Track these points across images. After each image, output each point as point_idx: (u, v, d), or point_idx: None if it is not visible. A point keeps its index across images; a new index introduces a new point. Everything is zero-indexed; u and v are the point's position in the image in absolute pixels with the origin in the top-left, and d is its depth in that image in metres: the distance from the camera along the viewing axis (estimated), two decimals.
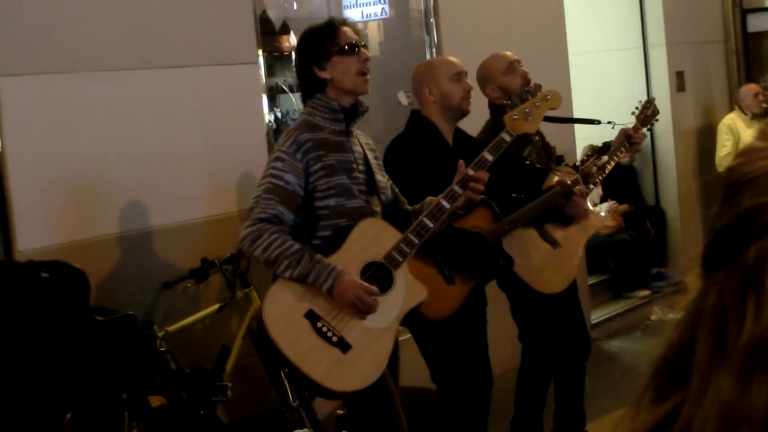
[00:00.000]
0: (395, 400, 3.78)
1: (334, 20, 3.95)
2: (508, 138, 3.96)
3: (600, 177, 4.76)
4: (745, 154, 0.79)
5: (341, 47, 3.80)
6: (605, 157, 4.80)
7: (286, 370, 3.63)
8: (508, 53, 4.97)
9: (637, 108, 5.24)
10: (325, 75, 3.80)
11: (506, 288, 4.88)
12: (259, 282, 4.76)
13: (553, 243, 4.80)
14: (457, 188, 3.80)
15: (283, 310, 3.59)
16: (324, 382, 3.57)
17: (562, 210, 4.62)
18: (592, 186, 4.72)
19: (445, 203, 3.79)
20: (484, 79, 4.89)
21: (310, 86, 3.86)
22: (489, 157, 3.90)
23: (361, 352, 3.63)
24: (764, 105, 8.81)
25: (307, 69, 3.83)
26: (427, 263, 4.17)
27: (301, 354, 3.56)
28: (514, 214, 4.47)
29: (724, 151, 8.73)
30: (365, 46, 3.89)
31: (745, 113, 8.80)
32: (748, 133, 8.67)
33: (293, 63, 4.35)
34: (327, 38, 3.82)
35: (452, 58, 4.61)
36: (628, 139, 5.01)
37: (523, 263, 4.68)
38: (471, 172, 3.82)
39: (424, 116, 4.49)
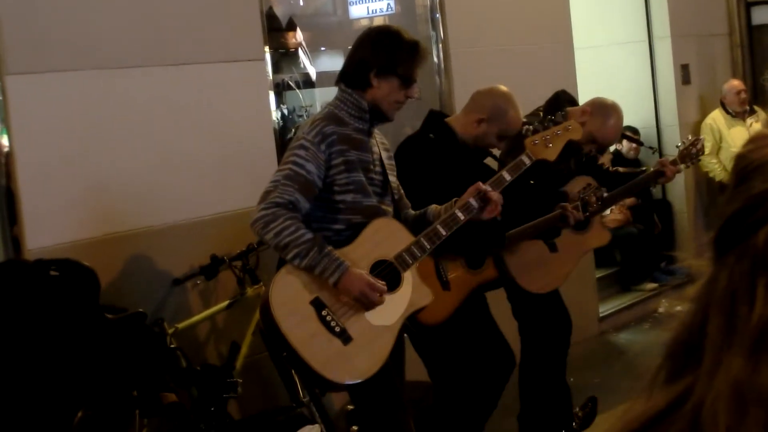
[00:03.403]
0: (400, 395, 3.80)
1: (422, 49, 3.87)
2: (527, 161, 4.01)
3: (596, 207, 4.79)
4: (754, 140, 0.80)
5: (407, 76, 3.79)
6: (604, 188, 4.85)
7: (285, 353, 3.63)
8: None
9: (683, 142, 5.22)
10: (374, 82, 3.77)
11: (505, 286, 4.89)
12: (268, 278, 4.77)
13: (552, 246, 4.84)
14: (473, 202, 3.83)
15: (290, 295, 3.60)
16: (322, 370, 3.57)
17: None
18: (587, 214, 4.77)
19: (460, 214, 3.83)
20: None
21: (356, 79, 3.80)
22: (507, 177, 3.97)
23: (361, 346, 3.65)
24: (746, 103, 8.81)
25: (366, 65, 3.77)
26: (427, 269, 4.19)
27: (302, 339, 3.57)
28: (515, 230, 4.51)
29: (704, 152, 8.77)
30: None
31: (728, 111, 8.80)
32: (730, 134, 8.68)
33: (300, 58, 4.32)
34: (405, 59, 3.78)
35: (522, 118, 4.49)
36: (660, 172, 5.04)
37: (515, 259, 4.71)
38: (489, 189, 3.86)
39: (446, 122, 4.50)
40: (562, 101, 5.07)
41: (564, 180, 4.95)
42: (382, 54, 3.78)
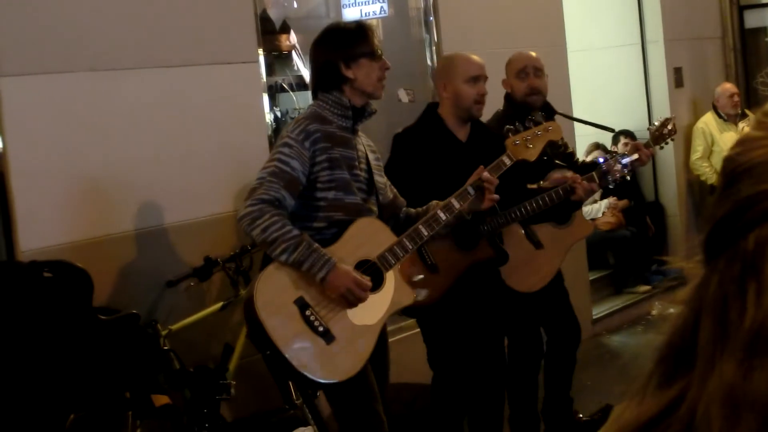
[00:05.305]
0: (375, 395, 3.81)
1: (366, 24, 4.02)
2: (508, 162, 4.04)
3: (618, 177, 4.70)
4: (742, 143, 0.80)
5: (371, 51, 3.86)
6: (627, 159, 4.77)
7: (268, 352, 3.64)
8: (533, 56, 4.96)
9: (654, 124, 5.20)
10: (349, 74, 3.84)
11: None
12: None
13: (537, 243, 4.81)
14: (455, 202, 3.87)
15: (274, 294, 3.63)
16: (303, 369, 3.59)
17: (561, 209, 4.66)
18: (611, 185, 4.70)
19: (441, 214, 3.87)
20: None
21: (330, 81, 3.88)
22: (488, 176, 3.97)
23: (344, 345, 3.67)
24: (739, 106, 8.82)
25: (333, 64, 3.86)
26: (410, 256, 4.19)
27: (285, 339, 3.59)
28: (520, 207, 4.49)
29: (696, 155, 8.82)
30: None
31: (720, 115, 8.80)
32: (722, 138, 8.68)
33: (294, 60, 4.35)
34: (359, 39, 3.87)
35: (475, 59, 4.57)
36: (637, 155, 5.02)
37: None
38: (471, 191, 3.89)
39: (436, 112, 4.53)
40: None
41: (542, 173, 4.90)
42: (340, 47, 3.87)
